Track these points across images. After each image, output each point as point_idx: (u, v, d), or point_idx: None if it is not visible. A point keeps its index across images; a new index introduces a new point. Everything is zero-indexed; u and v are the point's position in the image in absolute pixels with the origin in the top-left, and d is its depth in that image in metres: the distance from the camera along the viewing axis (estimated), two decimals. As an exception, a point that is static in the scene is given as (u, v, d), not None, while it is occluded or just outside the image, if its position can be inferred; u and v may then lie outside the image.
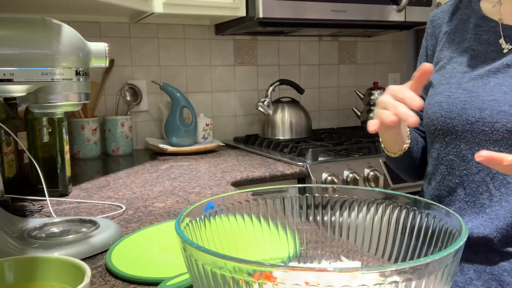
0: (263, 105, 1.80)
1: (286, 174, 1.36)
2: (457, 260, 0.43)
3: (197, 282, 0.44)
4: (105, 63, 0.72)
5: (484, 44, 0.83)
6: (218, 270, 0.41)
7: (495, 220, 0.77)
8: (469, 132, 0.79)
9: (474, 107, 0.78)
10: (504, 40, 0.81)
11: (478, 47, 0.84)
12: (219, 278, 0.41)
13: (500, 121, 0.75)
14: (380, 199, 0.60)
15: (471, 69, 0.83)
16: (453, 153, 0.82)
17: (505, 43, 0.81)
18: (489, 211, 0.78)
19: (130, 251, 0.73)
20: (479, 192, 0.78)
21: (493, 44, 0.82)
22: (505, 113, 0.75)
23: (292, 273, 0.38)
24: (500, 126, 0.75)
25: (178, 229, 0.47)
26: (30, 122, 1.11)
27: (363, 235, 0.61)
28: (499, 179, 0.76)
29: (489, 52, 0.82)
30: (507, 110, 0.75)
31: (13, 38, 0.64)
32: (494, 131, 0.76)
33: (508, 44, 0.81)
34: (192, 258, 0.43)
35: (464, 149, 0.80)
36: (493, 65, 0.80)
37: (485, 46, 0.83)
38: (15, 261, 0.54)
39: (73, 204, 1.05)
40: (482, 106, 0.77)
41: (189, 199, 1.06)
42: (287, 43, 2.03)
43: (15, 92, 0.65)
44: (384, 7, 1.69)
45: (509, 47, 0.80)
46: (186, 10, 1.53)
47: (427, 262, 0.39)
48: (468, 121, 0.79)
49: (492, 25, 0.84)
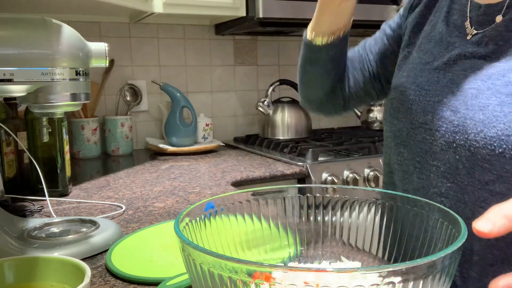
0: (263, 105, 1.80)
1: (286, 174, 1.36)
2: (456, 260, 0.43)
3: (196, 282, 0.44)
4: (105, 63, 0.72)
5: (450, 27, 0.68)
6: (215, 270, 0.41)
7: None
8: (412, 139, 0.66)
9: (420, 108, 0.65)
10: (469, 23, 0.65)
11: (444, 30, 0.69)
12: (217, 278, 0.41)
13: (440, 129, 0.61)
14: (380, 199, 0.60)
15: (432, 59, 0.68)
16: (397, 162, 0.70)
17: (470, 27, 0.65)
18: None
19: (130, 251, 0.73)
20: None
21: (460, 27, 0.67)
22: (445, 119, 0.61)
23: (291, 274, 0.38)
24: (439, 136, 0.61)
25: (177, 229, 0.47)
26: (30, 122, 1.11)
27: (364, 235, 0.61)
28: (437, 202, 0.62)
29: (453, 37, 0.67)
30: (448, 116, 0.61)
31: (13, 38, 0.64)
32: (434, 140, 0.62)
33: (473, 28, 0.64)
34: (190, 258, 0.43)
35: (407, 158, 0.67)
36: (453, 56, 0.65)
37: (451, 30, 0.68)
38: (15, 261, 0.54)
39: (73, 204, 1.05)
40: (427, 109, 0.64)
41: (189, 199, 1.06)
42: (287, 43, 2.03)
43: (15, 92, 0.65)
44: (384, 7, 1.69)
45: (473, 32, 0.64)
46: (186, 10, 1.53)
47: (426, 263, 0.39)
48: (412, 125, 0.66)
49: (463, 3, 0.68)
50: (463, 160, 0.59)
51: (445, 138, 0.61)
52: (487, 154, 0.56)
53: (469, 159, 0.58)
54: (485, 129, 0.56)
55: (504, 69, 0.58)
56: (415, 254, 0.53)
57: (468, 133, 0.58)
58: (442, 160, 0.61)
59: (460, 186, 0.59)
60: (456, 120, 0.60)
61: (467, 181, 0.59)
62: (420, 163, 0.65)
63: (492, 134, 0.55)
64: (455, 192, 0.60)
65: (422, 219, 0.54)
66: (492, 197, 0.57)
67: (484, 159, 0.56)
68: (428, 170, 0.64)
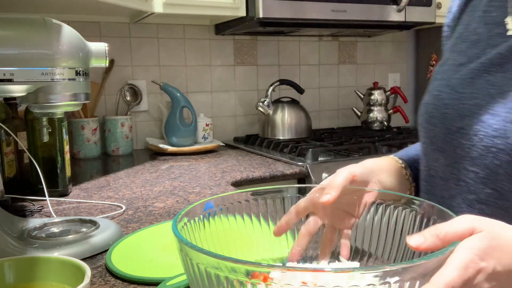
0: (263, 105, 1.80)
1: (286, 174, 1.36)
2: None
3: (193, 282, 0.44)
4: (105, 63, 0.72)
5: (490, 24, 0.63)
6: (212, 270, 0.41)
7: None
8: (449, 145, 0.63)
9: (456, 112, 0.62)
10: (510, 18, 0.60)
11: (482, 30, 0.64)
12: (213, 277, 0.41)
13: (478, 133, 0.58)
14: (380, 200, 0.60)
15: (467, 60, 0.64)
16: (433, 168, 0.67)
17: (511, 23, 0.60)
18: None
19: (130, 251, 0.73)
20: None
21: (499, 24, 0.61)
22: (484, 123, 0.58)
23: (288, 274, 0.38)
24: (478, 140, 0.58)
25: (174, 229, 0.47)
26: (30, 122, 1.11)
27: (363, 235, 0.61)
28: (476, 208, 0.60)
29: (493, 37, 0.62)
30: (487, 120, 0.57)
31: (13, 38, 0.64)
32: (472, 146, 0.59)
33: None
34: (187, 257, 0.44)
35: (443, 164, 0.64)
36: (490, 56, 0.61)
37: (490, 28, 0.62)
38: (15, 261, 0.55)
39: (73, 204, 1.05)
40: (463, 112, 0.61)
41: (189, 199, 1.06)
42: (287, 43, 2.03)
43: (15, 92, 0.65)
44: (384, 7, 1.69)
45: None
46: (186, 10, 1.53)
47: (422, 263, 0.39)
48: (449, 130, 0.63)
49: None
50: (503, 165, 0.56)
51: (484, 142, 0.58)
52: None
53: (509, 163, 0.56)
54: None
55: None
56: (414, 255, 0.53)
57: (508, 137, 0.55)
58: (481, 166, 0.59)
59: (500, 192, 0.57)
60: (495, 124, 0.57)
61: (508, 187, 0.56)
62: (457, 169, 0.62)
63: None
64: (494, 199, 0.58)
65: (423, 220, 0.54)
66: None
67: None
68: (466, 176, 0.61)
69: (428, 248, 0.43)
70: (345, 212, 0.61)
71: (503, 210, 0.57)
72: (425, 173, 0.69)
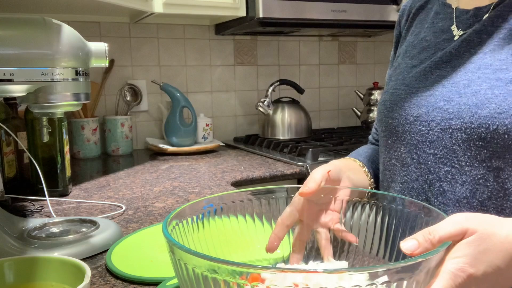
0: (263, 105, 1.80)
1: (286, 174, 1.36)
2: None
3: (182, 282, 0.44)
4: (105, 63, 0.72)
5: (437, 32, 0.75)
6: (199, 270, 0.41)
7: None
8: (408, 133, 0.71)
9: (412, 104, 0.71)
10: (456, 26, 0.72)
11: (431, 37, 0.76)
12: (201, 278, 0.41)
13: (435, 119, 0.67)
14: (373, 199, 0.61)
15: (420, 62, 0.74)
16: (394, 157, 0.74)
17: (456, 29, 0.72)
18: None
19: (130, 251, 0.73)
20: (420, 200, 0.69)
21: (446, 31, 0.74)
22: (440, 109, 0.66)
23: (279, 275, 0.38)
24: (435, 125, 0.67)
25: (165, 230, 0.47)
26: (30, 122, 1.11)
27: (358, 234, 0.61)
28: (436, 187, 0.67)
29: (440, 42, 0.73)
30: (442, 106, 0.66)
31: (13, 38, 0.64)
32: (429, 130, 0.67)
33: (460, 30, 0.71)
34: (175, 257, 0.43)
35: (404, 152, 0.72)
36: (440, 55, 0.71)
37: (438, 35, 0.75)
38: (15, 261, 0.55)
39: (73, 204, 1.05)
40: (420, 103, 0.70)
41: (189, 199, 1.06)
42: (287, 43, 2.03)
43: (15, 92, 0.65)
44: (384, 7, 1.69)
45: (460, 33, 0.70)
46: (186, 10, 1.53)
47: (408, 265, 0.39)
48: (407, 120, 0.71)
49: (449, 12, 0.75)
50: (459, 143, 0.64)
51: (441, 126, 0.66)
52: (482, 132, 0.61)
53: (465, 141, 0.63)
54: (479, 111, 0.61)
55: (491, 59, 0.64)
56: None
57: (463, 117, 0.63)
58: (439, 147, 0.66)
59: (457, 168, 0.64)
60: (450, 108, 0.65)
61: (464, 161, 0.63)
62: (417, 154, 0.69)
63: (486, 114, 0.61)
64: (453, 175, 0.65)
65: (419, 219, 0.55)
66: (489, 172, 0.61)
67: (480, 137, 0.61)
68: (425, 159, 0.68)
69: (421, 253, 0.44)
70: (323, 211, 0.64)
71: (461, 184, 0.64)
72: (387, 163, 0.77)
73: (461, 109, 0.63)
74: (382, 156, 0.79)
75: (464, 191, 0.64)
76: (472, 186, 0.63)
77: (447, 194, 0.66)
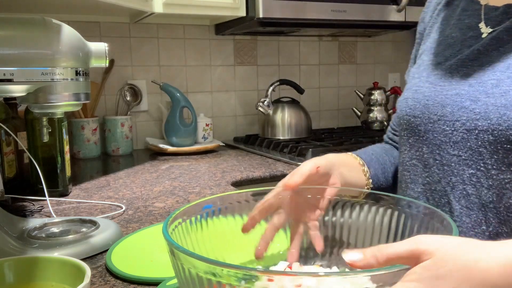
0: (263, 105, 1.80)
1: (286, 174, 1.35)
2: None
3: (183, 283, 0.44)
4: (105, 63, 0.72)
5: (464, 29, 0.72)
6: (194, 270, 0.41)
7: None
8: (431, 133, 0.68)
9: (436, 103, 0.68)
10: (484, 23, 0.69)
11: (457, 34, 0.73)
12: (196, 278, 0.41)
13: (460, 119, 0.63)
14: (372, 201, 0.60)
15: (445, 60, 0.72)
16: (416, 158, 0.71)
17: (485, 27, 0.69)
18: None
19: (130, 251, 0.73)
20: (441, 203, 0.67)
21: (473, 28, 0.71)
22: (466, 109, 0.63)
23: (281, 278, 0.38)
24: (460, 125, 0.64)
25: (165, 232, 0.46)
26: (30, 122, 1.11)
27: (356, 235, 0.61)
28: (459, 189, 0.64)
29: (467, 39, 0.70)
30: (468, 106, 0.63)
31: (13, 38, 0.64)
32: (454, 131, 0.64)
33: (488, 27, 0.68)
34: (174, 258, 0.44)
35: (426, 152, 0.69)
36: (467, 53, 0.68)
37: (464, 32, 0.71)
38: (15, 261, 0.55)
39: (73, 204, 1.05)
40: (444, 102, 0.67)
41: (189, 199, 1.06)
42: (287, 43, 2.03)
43: (15, 92, 0.65)
44: (384, 7, 1.69)
45: (489, 31, 0.67)
46: (186, 10, 1.53)
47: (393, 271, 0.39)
48: (430, 119, 0.68)
49: (477, 8, 0.72)
50: (485, 145, 0.61)
51: (466, 126, 0.63)
52: (511, 135, 0.58)
53: (492, 143, 0.60)
54: (508, 112, 0.58)
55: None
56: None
57: (490, 118, 0.60)
58: (463, 149, 0.63)
59: (483, 172, 0.61)
60: (477, 108, 0.62)
61: (491, 165, 0.60)
62: (440, 154, 0.66)
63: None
64: (478, 178, 0.62)
65: (418, 221, 0.55)
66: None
67: (508, 140, 0.58)
68: (448, 160, 0.65)
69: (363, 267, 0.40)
70: (309, 205, 0.64)
71: (487, 188, 0.61)
72: (407, 163, 0.73)
73: (489, 110, 0.60)
74: (402, 156, 0.76)
75: (491, 195, 0.60)
76: (498, 191, 0.60)
77: (471, 198, 0.62)
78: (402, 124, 0.75)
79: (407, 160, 0.74)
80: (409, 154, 0.73)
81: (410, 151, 0.73)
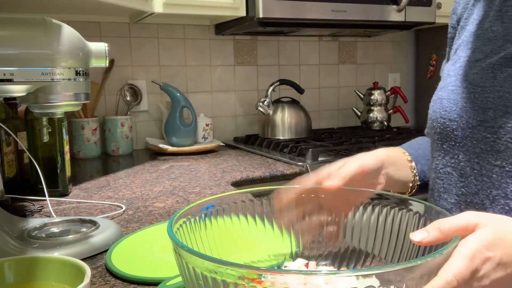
0: (263, 105, 1.80)
1: (286, 174, 1.36)
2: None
3: (188, 283, 0.44)
4: (105, 63, 0.72)
5: (507, 23, 0.63)
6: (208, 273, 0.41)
7: None
8: (469, 139, 0.61)
9: (476, 106, 0.60)
10: None
11: (499, 27, 0.64)
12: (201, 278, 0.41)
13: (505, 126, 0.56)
14: (376, 200, 0.60)
15: (484, 56, 0.63)
16: (450, 165, 0.65)
17: None
18: None
19: (130, 251, 0.73)
20: None
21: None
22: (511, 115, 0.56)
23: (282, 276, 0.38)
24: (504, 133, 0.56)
25: (170, 231, 0.47)
26: (30, 122, 1.11)
27: (359, 235, 0.61)
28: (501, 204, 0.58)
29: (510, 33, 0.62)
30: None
31: (13, 38, 0.64)
32: (497, 139, 0.57)
33: None
34: (180, 258, 0.44)
35: (463, 160, 0.62)
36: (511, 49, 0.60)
37: (508, 26, 0.63)
38: (15, 261, 0.55)
39: (73, 204, 1.05)
40: (486, 106, 0.59)
41: (189, 199, 1.06)
42: (287, 43, 2.03)
43: (15, 92, 0.65)
44: (384, 7, 1.69)
45: None
46: (186, 10, 1.53)
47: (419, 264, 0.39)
48: (469, 124, 0.61)
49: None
50: None
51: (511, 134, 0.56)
52: None
53: None
54: None
55: None
56: (410, 256, 0.53)
57: None
58: (508, 159, 0.57)
59: None
60: None
61: None
62: (479, 164, 0.60)
63: None
64: None
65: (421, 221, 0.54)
66: None
67: None
68: (489, 171, 0.59)
69: (431, 242, 0.43)
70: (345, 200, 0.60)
71: None
72: (441, 170, 0.67)
73: None
74: (435, 162, 0.69)
75: None
76: None
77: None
78: (435, 127, 0.68)
79: (440, 167, 0.67)
80: (443, 161, 0.67)
81: (444, 157, 0.66)
